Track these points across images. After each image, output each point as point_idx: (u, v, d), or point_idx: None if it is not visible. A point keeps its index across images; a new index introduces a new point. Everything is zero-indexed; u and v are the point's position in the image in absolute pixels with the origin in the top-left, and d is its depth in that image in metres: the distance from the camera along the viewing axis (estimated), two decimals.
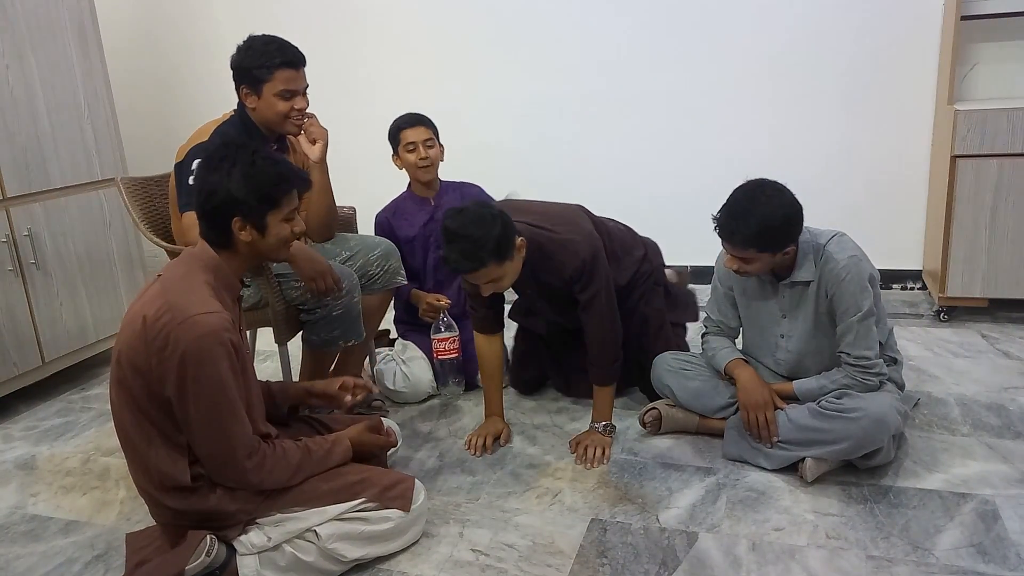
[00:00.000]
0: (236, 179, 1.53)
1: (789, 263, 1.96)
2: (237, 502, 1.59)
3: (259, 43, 2.14)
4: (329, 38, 3.79)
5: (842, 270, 1.88)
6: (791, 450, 1.94)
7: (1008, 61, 3.05)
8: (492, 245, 1.86)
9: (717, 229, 1.89)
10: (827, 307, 1.95)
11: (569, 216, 2.18)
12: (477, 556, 1.73)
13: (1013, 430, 2.14)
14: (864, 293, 1.89)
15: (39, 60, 2.71)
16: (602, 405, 2.19)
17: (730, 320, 2.16)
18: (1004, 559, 1.61)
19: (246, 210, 1.55)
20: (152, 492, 1.59)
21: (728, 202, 1.88)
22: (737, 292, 2.13)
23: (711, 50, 3.39)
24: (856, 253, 1.92)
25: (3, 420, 2.66)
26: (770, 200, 1.83)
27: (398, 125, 2.61)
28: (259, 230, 1.59)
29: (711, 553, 1.69)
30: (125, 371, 1.51)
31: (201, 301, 1.49)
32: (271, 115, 2.16)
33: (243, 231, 1.57)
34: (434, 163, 2.62)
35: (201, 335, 1.44)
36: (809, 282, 1.94)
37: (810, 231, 1.96)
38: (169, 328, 1.45)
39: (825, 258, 1.91)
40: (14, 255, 2.64)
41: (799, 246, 1.93)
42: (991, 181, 2.76)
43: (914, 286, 3.42)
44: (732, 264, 1.92)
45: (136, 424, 1.54)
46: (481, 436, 2.21)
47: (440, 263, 2.71)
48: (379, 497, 1.67)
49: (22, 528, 1.98)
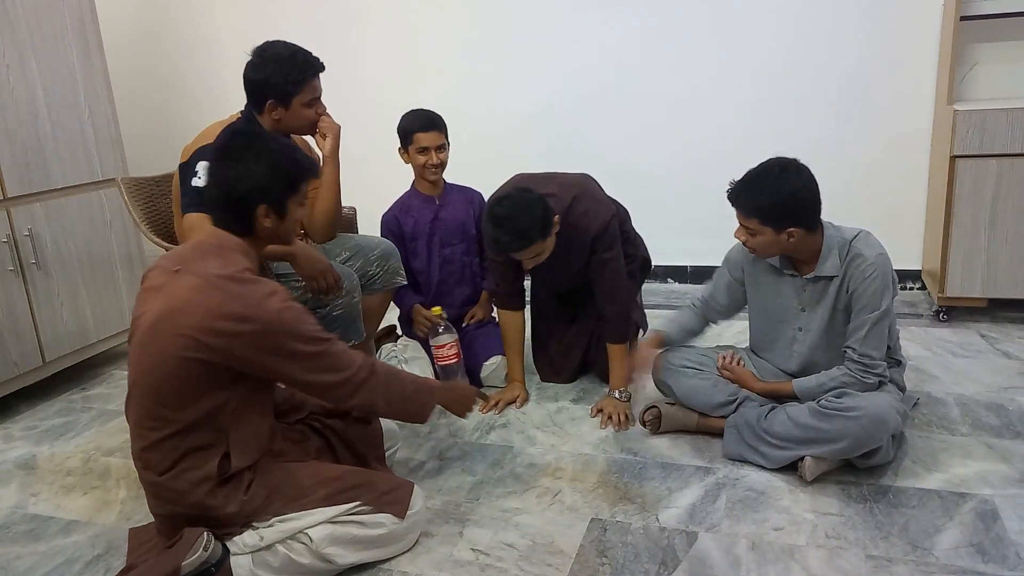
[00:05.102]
0: (262, 168, 1.58)
1: (811, 256, 1.96)
2: (235, 502, 1.58)
3: (283, 55, 2.10)
4: (329, 38, 3.78)
5: (869, 267, 1.89)
6: (791, 449, 1.94)
7: (1007, 61, 3.05)
8: (538, 226, 2.14)
9: (728, 192, 1.93)
10: (846, 303, 1.95)
11: (584, 185, 2.41)
12: (477, 556, 1.73)
13: (1012, 430, 2.14)
14: (886, 292, 1.90)
15: (40, 60, 2.71)
16: (618, 370, 2.38)
17: (720, 298, 2.21)
18: (1003, 559, 1.61)
19: (272, 197, 1.61)
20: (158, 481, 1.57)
21: (750, 170, 1.92)
22: (749, 285, 2.14)
23: (711, 51, 3.39)
24: (884, 252, 1.93)
25: (4, 420, 2.66)
26: (786, 177, 1.87)
27: (411, 127, 2.58)
28: (280, 215, 1.64)
29: (711, 552, 1.69)
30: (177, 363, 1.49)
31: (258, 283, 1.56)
32: (300, 124, 2.16)
33: (267, 217, 1.62)
34: (443, 166, 2.64)
35: (280, 310, 1.52)
36: (833, 277, 1.95)
37: (835, 227, 1.97)
38: (247, 315, 1.49)
39: (853, 254, 1.92)
40: (15, 255, 2.65)
41: (824, 240, 1.94)
42: (990, 181, 2.76)
43: (913, 286, 3.43)
44: (740, 235, 1.96)
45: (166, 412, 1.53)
46: (497, 398, 2.47)
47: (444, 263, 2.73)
48: (375, 501, 1.67)
49: (23, 528, 1.99)
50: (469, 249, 2.78)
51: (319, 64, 2.16)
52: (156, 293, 1.55)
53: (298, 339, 1.55)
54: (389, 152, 2.68)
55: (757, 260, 2.09)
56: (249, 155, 1.58)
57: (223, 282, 1.51)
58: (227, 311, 1.49)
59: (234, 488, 1.59)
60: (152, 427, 1.54)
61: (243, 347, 1.50)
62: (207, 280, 1.51)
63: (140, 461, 1.60)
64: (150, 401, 1.54)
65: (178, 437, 1.54)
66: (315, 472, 1.69)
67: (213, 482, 1.57)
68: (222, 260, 1.56)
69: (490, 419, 2.40)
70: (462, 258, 2.77)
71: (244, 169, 1.58)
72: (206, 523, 1.58)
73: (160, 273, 1.59)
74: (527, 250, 2.18)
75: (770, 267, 2.07)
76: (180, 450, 1.55)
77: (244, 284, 1.53)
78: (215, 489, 1.57)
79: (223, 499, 1.58)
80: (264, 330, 1.50)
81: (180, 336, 1.49)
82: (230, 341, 1.49)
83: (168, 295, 1.53)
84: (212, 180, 1.63)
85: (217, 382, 1.54)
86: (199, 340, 1.48)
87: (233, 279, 1.52)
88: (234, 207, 1.60)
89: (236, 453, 1.59)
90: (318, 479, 1.67)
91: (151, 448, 1.56)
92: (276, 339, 1.52)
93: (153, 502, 1.64)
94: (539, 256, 2.23)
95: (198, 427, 1.55)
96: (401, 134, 2.61)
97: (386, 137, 2.66)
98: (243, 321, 1.49)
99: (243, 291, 1.52)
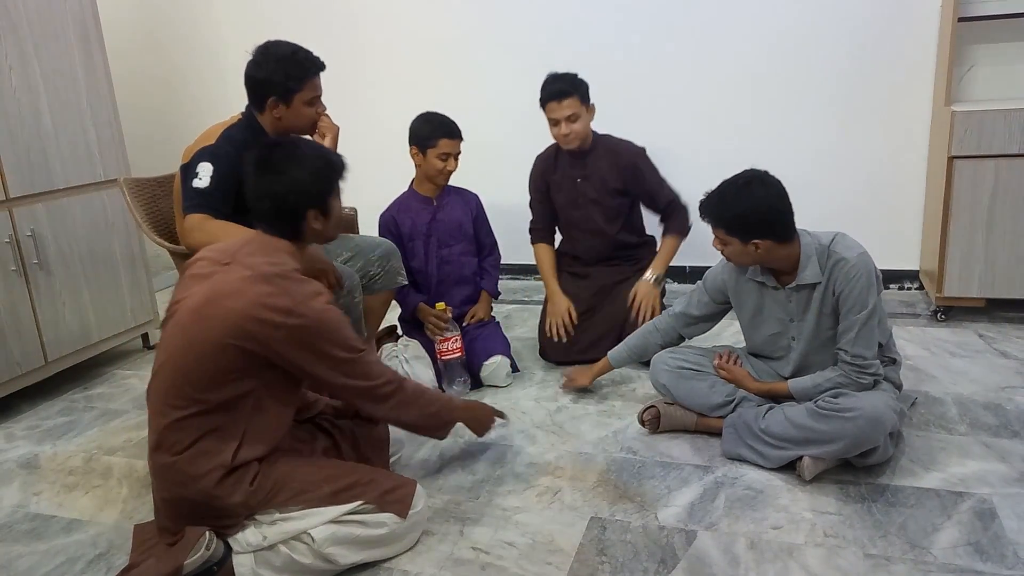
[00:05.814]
0: (307, 175, 1.65)
1: (789, 266, 1.97)
2: (240, 494, 1.59)
3: (285, 53, 2.12)
4: (328, 39, 3.76)
5: (852, 268, 1.90)
6: (789, 449, 1.95)
7: (1005, 62, 3.06)
8: (583, 87, 2.66)
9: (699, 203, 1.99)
10: (832, 306, 1.96)
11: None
12: (477, 554, 1.74)
13: (1010, 429, 2.15)
14: (871, 290, 1.91)
15: (42, 61, 2.72)
16: (666, 255, 2.75)
17: (691, 309, 2.27)
18: (1002, 558, 1.62)
19: (319, 200, 1.67)
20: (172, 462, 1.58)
21: (722, 181, 1.97)
22: (735, 304, 2.16)
23: (709, 52, 3.40)
24: (863, 250, 1.94)
25: (6, 419, 2.67)
26: (750, 190, 1.90)
27: (437, 132, 2.59)
28: (327, 215, 1.71)
29: (710, 551, 1.70)
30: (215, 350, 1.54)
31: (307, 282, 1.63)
32: (300, 123, 2.18)
33: (316, 220, 1.68)
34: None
35: (323, 310, 1.59)
36: (815, 284, 1.96)
37: (810, 233, 1.98)
38: (296, 310, 1.55)
39: (833, 258, 1.93)
40: (17, 255, 2.66)
41: (802, 248, 1.95)
42: (988, 182, 2.77)
43: (911, 286, 3.43)
44: (716, 244, 2.01)
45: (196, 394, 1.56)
46: (555, 318, 2.73)
47: (442, 263, 2.74)
48: (378, 500, 1.68)
49: (24, 527, 1.99)
50: (466, 250, 2.79)
51: (320, 63, 2.17)
52: (203, 280, 1.60)
53: (336, 343, 1.61)
54: (389, 152, 2.69)
55: (740, 278, 2.10)
56: (292, 165, 1.64)
57: (273, 277, 1.58)
58: (274, 303, 1.54)
59: (240, 478, 1.60)
60: (176, 405, 1.57)
61: (283, 340, 1.56)
62: (258, 273, 1.58)
63: (157, 441, 1.60)
64: (180, 379, 1.57)
65: (200, 417, 1.58)
66: (319, 468, 1.71)
67: (225, 469, 1.58)
68: (272, 259, 1.63)
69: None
70: (460, 258, 2.78)
71: (290, 179, 1.63)
72: (208, 512, 1.59)
73: (208, 264, 1.64)
74: (568, 100, 2.59)
75: (754, 283, 2.08)
76: (201, 431, 1.58)
77: (293, 282, 1.60)
78: (224, 478, 1.58)
79: (230, 488, 1.59)
80: (306, 326, 1.56)
81: (224, 321, 1.54)
82: (272, 332, 1.54)
83: (217, 282, 1.58)
84: (258, 194, 1.66)
85: (249, 370, 1.58)
86: (242, 327, 1.53)
87: (282, 276, 1.59)
88: (287, 217, 1.66)
89: (249, 442, 1.62)
90: (322, 475, 1.68)
91: (171, 427, 1.58)
92: (315, 338, 1.58)
93: (159, 485, 1.63)
94: (573, 122, 2.62)
95: (220, 411, 1.58)
96: (421, 136, 2.61)
97: (386, 137, 2.67)
98: (288, 315, 1.54)
99: (292, 287, 1.58)
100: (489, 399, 2.54)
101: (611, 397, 2.51)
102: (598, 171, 2.77)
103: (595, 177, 2.77)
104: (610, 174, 2.76)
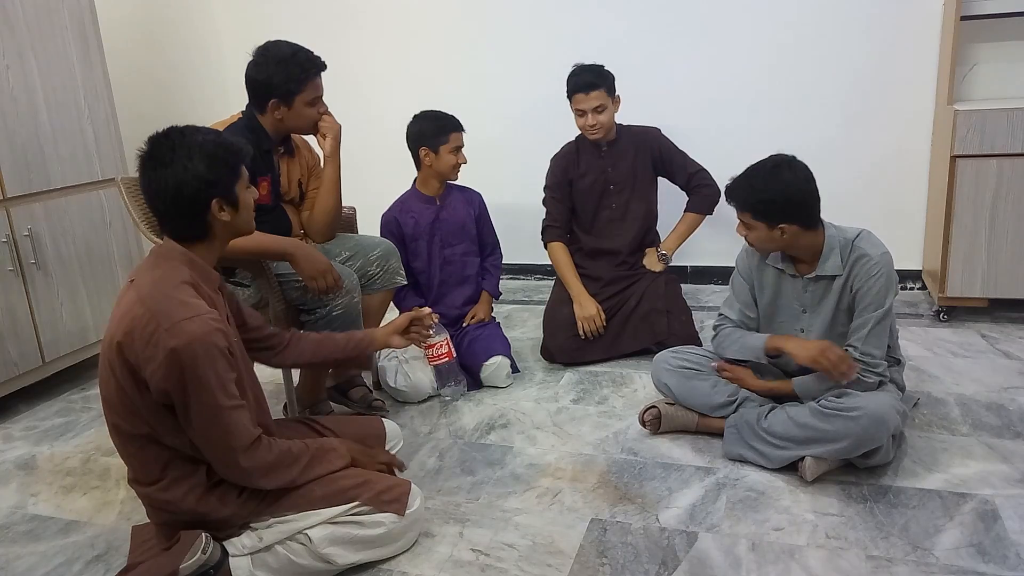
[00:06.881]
0: (200, 162, 1.49)
1: (811, 256, 1.96)
2: (230, 507, 1.58)
3: (285, 54, 2.11)
4: (328, 38, 3.78)
5: (875, 265, 1.90)
6: (791, 449, 1.94)
7: (1008, 61, 3.05)
8: (610, 78, 2.74)
9: (726, 187, 1.97)
10: (849, 302, 1.96)
11: None
12: (477, 556, 1.73)
13: (1013, 430, 2.14)
14: (890, 290, 1.91)
15: (39, 60, 2.71)
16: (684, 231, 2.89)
17: (751, 310, 2.14)
18: (1004, 559, 1.61)
19: (221, 189, 1.53)
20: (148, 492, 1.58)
21: (750, 166, 1.95)
22: (756, 287, 2.14)
23: (712, 50, 3.39)
24: (887, 250, 1.94)
25: (3, 420, 2.66)
26: (778, 173, 1.89)
27: (448, 127, 2.58)
28: (234, 205, 1.57)
29: (711, 553, 1.69)
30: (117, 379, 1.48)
31: (183, 304, 1.45)
32: (302, 123, 2.17)
33: (222, 211, 1.55)
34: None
35: (190, 340, 1.41)
36: (835, 276, 1.95)
37: (836, 226, 1.98)
38: (157, 337, 1.41)
39: (857, 254, 1.93)
40: (14, 255, 2.64)
41: (825, 240, 1.95)
42: (991, 181, 2.76)
43: (914, 286, 3.42)
44: (740, 229, 1.98)
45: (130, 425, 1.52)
46: (586, 322, 2.73)
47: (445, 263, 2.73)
48: (374, 501, 1.67)
49: (22, 528, 1.99)
50: (469, 249, 2.78)
51: (321, 63, 2.16)
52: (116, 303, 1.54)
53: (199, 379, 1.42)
54: (389, 152, 2.68)
55: (761, 263, 2.09)
56: (181, 154, 1.49)
57: (147, 298, 1.45)
58: (141, 329, 1.42)
59: (225, 493, 1.58)
60: (126, 434, 1.54)
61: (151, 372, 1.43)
62: (141, 294, 1.46)
63: (130, 471, 1.60)
64: (112, 412, 1.54)
65: (155, 445, 1.53)
66: None
67: (203, 488, 1.56)
68: (160, 272, 1.50)
69: (490, 419, 2.40)
70: (462, 258, 2.77)
71: (182, 169, 1.48)
72: (204, 527, 1.57)
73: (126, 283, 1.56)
74: (596, 92, 2.66)
75: (773, 270, 2.07)
76: (162, 459, 1.54)
77: (172, 303, 1.44)
78: (205, 495, 1.56)
79: (216, 504, 1.57)
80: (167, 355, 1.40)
81: (109, 351, 1.48)
82: (136, 360, 1.44)
83: (117, 305, 1.51)
84: (149, 194, 1.52)
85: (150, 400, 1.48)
86: (121, 358, 1.46)
87: (161, 296, 1.45)
88: (186, 212, 1.52)
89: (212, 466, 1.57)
90: (317, 480, 1.65)
91: (135, 456, 1.56)
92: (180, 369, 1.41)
93: (151, 512, 1.64)
94: (598, 113, 2.68)
95: (170, 435, 1.52)
96: (430, 135, 2.58)
97: (386, 137, 2.66)
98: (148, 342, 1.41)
99: (165, 308, 1.43)
100: (490, 399, 2.53)
101: (612, 398, 2.50)
102: (627, 157, 2.85)
103: (624, 164, 2.85)
104: (639, 157, 2.85)
